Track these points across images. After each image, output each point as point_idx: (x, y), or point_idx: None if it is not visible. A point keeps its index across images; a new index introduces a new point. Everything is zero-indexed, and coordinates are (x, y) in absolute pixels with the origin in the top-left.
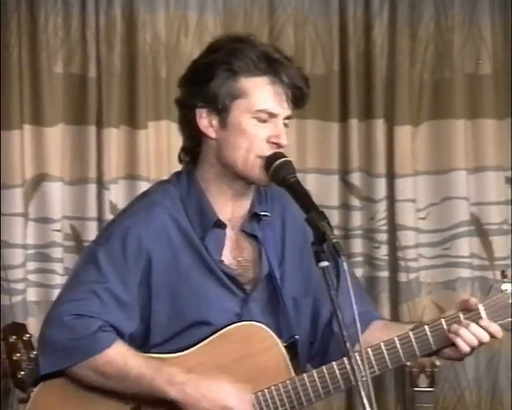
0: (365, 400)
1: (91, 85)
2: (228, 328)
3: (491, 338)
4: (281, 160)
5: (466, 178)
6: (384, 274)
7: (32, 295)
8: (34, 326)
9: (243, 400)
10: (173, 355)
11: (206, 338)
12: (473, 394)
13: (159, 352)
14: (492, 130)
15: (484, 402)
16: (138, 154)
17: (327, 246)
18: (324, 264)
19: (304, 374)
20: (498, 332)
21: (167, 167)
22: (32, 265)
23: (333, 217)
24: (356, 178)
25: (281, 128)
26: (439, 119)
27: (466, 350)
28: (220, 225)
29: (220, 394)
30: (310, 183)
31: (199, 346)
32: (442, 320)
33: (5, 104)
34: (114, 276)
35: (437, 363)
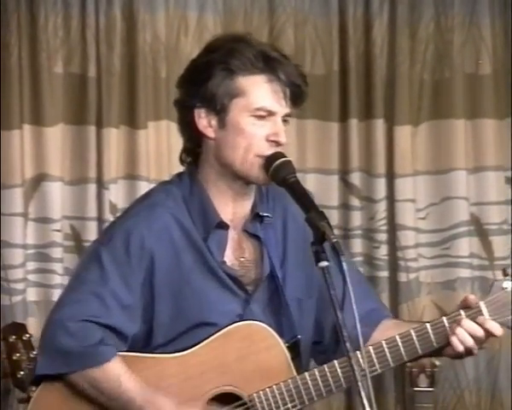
0: (365, 400)
1: (91, 85)
2: (229, 327)
3: (489, 337)
4: (281, 160)
5: (466, 178)
6: (384, 274)
7: (32, 295)
8: (34, 326)
9: None
10: (174, 355)
11: (207, 338)
12: (472, 394)
13: (162, 352)
14: (492, 130)
15: (484, 402)
16: (138, 154)
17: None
18: (324, 264)
19: (305, 373)
20: (497, 329)
21: (167, 167)
22: (32, 265)
23: (333, 217)
24: (356, 178)
25: (279, 126)
26: (439, 119)
27: (459, 349)
28: (223, 226)
29: None
30: (310, 183)
31: (200, 345)
32: (444, 318)
33: (5, 104)
34: (117, 277)
35: (437, 363)
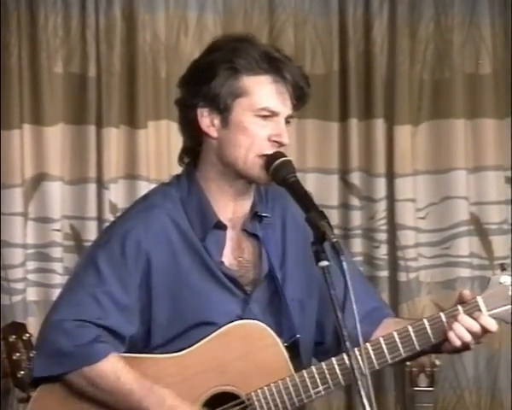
0: (365, 399)
1: (91, 85)
2: (227, 327)
3: (485, 333)
4: (281, 159)
5: (466, 177)
6: (384, 274)
7: (32, 294)
8: (34, 326)
9: None
10: (172, 355)
11: (205, 338)
12: (472, 393)
13: (160, 353)
14: (492, 129)
15: (483, 402)
16: (138, 153)
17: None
18: (324, 264)
19: (303, 371)
20: (492, 325)
21: (167, 167)
22: (32, 264)
23: (332, 216)
24: (356, 177)
25: (282, 127)
26: (439, 118)
27: (457, 344)
28: (221, 227)
29: None
30: (310, 182)
31: (198, 345)
32: (441, 314)
33: (5, 104)
34: (114, 279)
35: (437, 362)
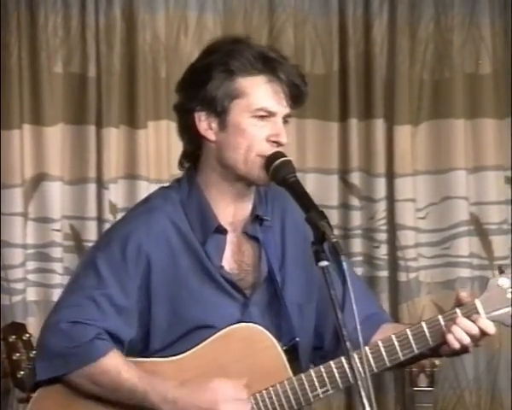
0: (365, 399)
1: (91, 85)
2: (226, 330)
3: (483, 336)
4: (281, 159)
5: (466, 177)
6: (384, 274)
7: (32, 294)
8: (34, 326)
9: (239, 402)
10: (171, 358)
11: (204, 341)
12: (472, 393)
13: (160, 356)
14: (492, 129)
15: (483, 402)
16: (138, 153)
17: (328, 248)
18: (324, 263)
19: (301, 374)
20: (490, 328)
21: (167, 167)
22: (32, 264)
23: (332, 217)
24: (355, 177)
25: (280, 127)
26: (439, 118)
27: (455, 346)
28: (221, 231)
29: (215, 404)
30: (309, 182)
31: (197, 348)
32: (439, 317)
33: (5, 104)
34: (114, 281)
35: (436, 363)
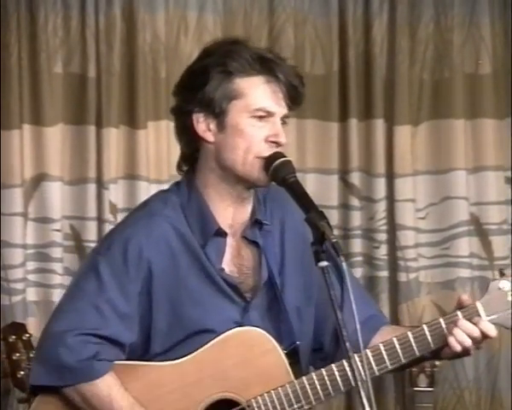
0: (365, 400)
1: (91, 85)
2: (226, 334)
3: (484, 338)
4: (280, 159)
5: (466, 177)
6: (384, 274)
7: (32, 294)
8: (34, 326)
9: None
10: (172, 362)
11: (205, 345)
12: (472, 394)
13: (160, 360)
14: (492, 130)
15: (483, 402)
16: (138, 154)
17: (327, 249)
18: (324, 264)
19: (303, 377)
20: (491, 331)
21: (167, 167)
22: (32, 265)
23: (332, 217)
24: (355, 177)
25: (279, 127)
26: (439, 118)
27: (457, 349)
28: (221, 234)
29: None
30: (309, 183)
31: (197, 352)
32: (440, 319)
33: (5, 104)
34: (115, 286)
35: (436, 363)
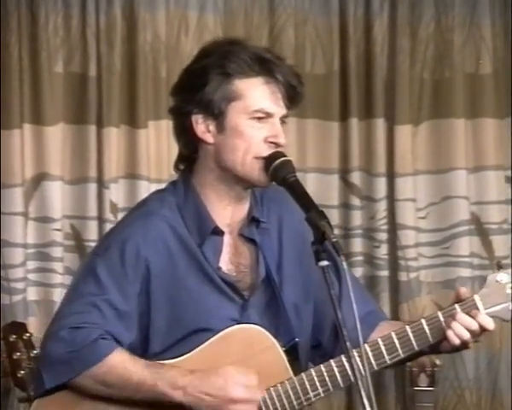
0: (365, 399)
1: (91, 85)
2: (225, 332)
3: (483, 331)
4: (280, 159)
5: (466, 177)
6: (384, 273)
7: (32, 294)
8: (34, 325)
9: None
10: (171, 361)
11: (204, 343)
12: (473, 393)
13: (160, 359)
14: (493, 129)
15: (484, 402)
16: (138, 153)
17: (327, 247)
18: (324, 263)
19: (302, 374)
20: (489, 324)
21: (167, 167)
22: (32, 264)
23: (333, 216)
24: (356, 177)
25: (278, 128)
26: (440, 118)
27: (455, 342)
28: (218, 232)
29: (224, 389)
30: (310, 182)
31: (196, 350)
32: (439, 313)
33: (5, 103)
34: (113, 287)
35: (437, 362)
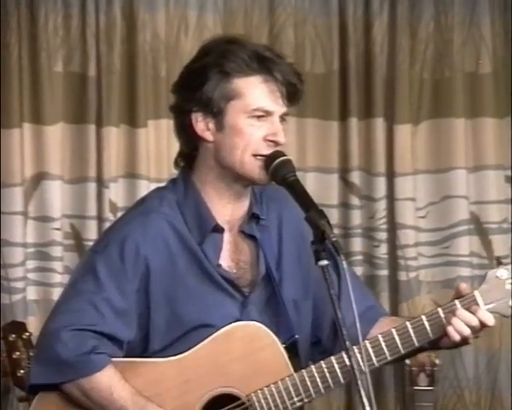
0: (365, 398)
1: (91, 84)
2: (225, 328)
3: (483, 327)
4: (280, 158)
5: (466, 176)
6: (384, 273)
7: (32, 293)
8: (34, 325)
9: None
10: (171, 358)
11: (204, 340)
12: (472, 393)
13: (160, 357)
14: (492, 129)
15: (483, 401)
16: (138, 152)
17: (327, 245)
18: (324, 262)
19: (303, 370)
20: (489, 320)
21: (167, 166)
22: (32, 263)
23: (332, 216)
24: (356, 176)
25: (277, 126)
26: (439, 117)
27: (455, 338)
28: (218, 230)
29: None
30: (309, 182)
31: (197, 348)
32: (439, 309)
33: (5, 103)
34: (112, 284)
35: (437, 362)
